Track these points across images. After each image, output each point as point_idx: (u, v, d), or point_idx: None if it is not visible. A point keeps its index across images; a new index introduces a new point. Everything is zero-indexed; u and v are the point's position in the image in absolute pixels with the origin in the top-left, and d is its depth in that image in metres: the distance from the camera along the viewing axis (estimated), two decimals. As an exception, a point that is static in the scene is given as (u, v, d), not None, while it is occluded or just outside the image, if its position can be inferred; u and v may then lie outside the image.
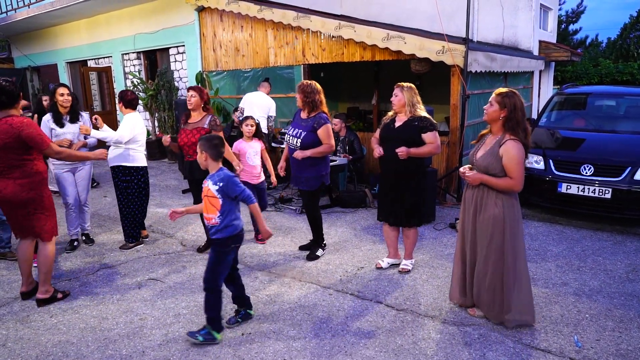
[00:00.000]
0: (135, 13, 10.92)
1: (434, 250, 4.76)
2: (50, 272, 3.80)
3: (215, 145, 3.15)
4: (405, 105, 3.96)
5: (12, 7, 13.10)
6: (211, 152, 3.12)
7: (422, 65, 6.79)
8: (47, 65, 14.37)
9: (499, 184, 3.10)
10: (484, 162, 3.16)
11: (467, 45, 5.94)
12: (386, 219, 4.23)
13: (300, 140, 4.27)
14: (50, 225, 3.75)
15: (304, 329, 3.29)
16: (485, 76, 7.13)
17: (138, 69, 11.47)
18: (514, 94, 3.11)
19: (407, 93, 3.97)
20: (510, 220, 3.13)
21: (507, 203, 3.14)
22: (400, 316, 3.46)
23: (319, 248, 4.62)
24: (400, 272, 4.20)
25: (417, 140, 3.90)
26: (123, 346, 3.13)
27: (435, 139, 3.88)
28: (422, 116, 3.93)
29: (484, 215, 3.18)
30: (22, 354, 3.08)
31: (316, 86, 4.30)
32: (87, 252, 4.92)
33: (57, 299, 3.82)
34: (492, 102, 3.16)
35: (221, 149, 3.18)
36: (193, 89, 4.57)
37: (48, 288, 3.79)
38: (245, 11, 8.16)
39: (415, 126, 3.90)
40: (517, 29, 10.38)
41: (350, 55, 7.24)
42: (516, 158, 3.01)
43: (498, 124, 3.15)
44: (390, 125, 4.05)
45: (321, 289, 3.93)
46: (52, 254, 3.78)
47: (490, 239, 3.17)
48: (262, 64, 8.44)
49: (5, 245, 4.76)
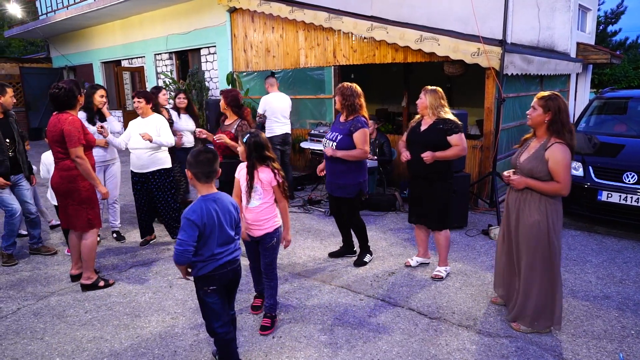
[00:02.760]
0: (167, 14, 11.11)
1: (466, 257, 4.65)
2: (90, 260, 3.99)
3: (200, 162, 2.53)
4: (427, 108, 3.92)
5: (52, 9, 13.52)
6: (195, 169, 2.54)
7: (455, 67, 6.66)
8: (83, 65, 14.77)
9: (544, 188, 3.04)
10: (528, 165, 3.10)
11: (503, 47, 5.78)
12: (416, 220, 4.23)
13: (336, 144, 4.23)
14: (86, 217, 3.91)
15: (335, 335, 3.24)
16: (521, 79, 6.94)
17: (170, 69, 11.66)
18: (557, 97, 3.06)
19: (429, 96, 3.92)
20: (554, 226, 3.08)
21: (551, 208, 3.08)
22: (433, 325, 3.37)
23: (367, 253, 4.52)
24: (433, 278, 4.11)
25: (443, 143, 3.85)
26: (155, 345, 3.15)
27: (460, 141, 3.82)
28: (447, 118, 3.88)
29: (528, 220, 3.13)
30: (59, 348, 3.13)
31: (356, 89, 4.22)
32: (119, 249, 5.00)
33: (99, 287, 4.01)
34: (535, 106, 3.10)
35: (211, 167, 2.56)
36: (221, 92, 4.66)
37: (90, 275, 4.01)
38: (277, 12, 8.19)
39: (440, 129, 3.86)
40: (553, 31, 10.09)
41: (381, 57, 7.17)
42: (563, 161, 2.96)
43: (542, 127, 3.10)
44: (417, 128, 4.03)
45: (352, 293, 3.88)
46: (92, 244, 3.96)
47: (535, 248, 3.11)
48: (292, 65, 8.45)
49: (37, 241, 4.88)
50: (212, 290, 2.62)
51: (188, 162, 2.58)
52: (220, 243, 2.59)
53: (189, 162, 2.57)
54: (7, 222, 4.55)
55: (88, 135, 3.92)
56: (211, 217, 2.52)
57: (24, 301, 3.84)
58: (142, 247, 5.04)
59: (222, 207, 2.60)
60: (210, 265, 2.58)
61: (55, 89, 3.80)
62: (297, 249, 4.93)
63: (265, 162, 3.17)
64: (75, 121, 3.78)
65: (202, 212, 2.50)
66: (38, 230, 4.86)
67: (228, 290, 2.76)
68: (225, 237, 2.62)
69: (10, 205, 4.51)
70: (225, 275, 2.65)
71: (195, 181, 2.57)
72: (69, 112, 3.84)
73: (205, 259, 2.57)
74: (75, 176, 3.84)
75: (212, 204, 2.56)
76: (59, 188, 3.91)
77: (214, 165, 2.58)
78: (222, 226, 2.59)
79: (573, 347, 3.07)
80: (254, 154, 3.12)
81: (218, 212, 2.56)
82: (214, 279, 2.61)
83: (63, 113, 3.82)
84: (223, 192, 2.68)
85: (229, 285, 2.74)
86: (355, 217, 4.44)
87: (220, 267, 2.61)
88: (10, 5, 15.14)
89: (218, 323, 2.66)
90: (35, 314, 3.61)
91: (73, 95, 3.84)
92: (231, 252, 2.67)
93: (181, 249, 2.47)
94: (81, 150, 3.78)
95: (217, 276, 2.61)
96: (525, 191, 3.16)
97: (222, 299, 2.67)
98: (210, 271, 2.59)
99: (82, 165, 3.80)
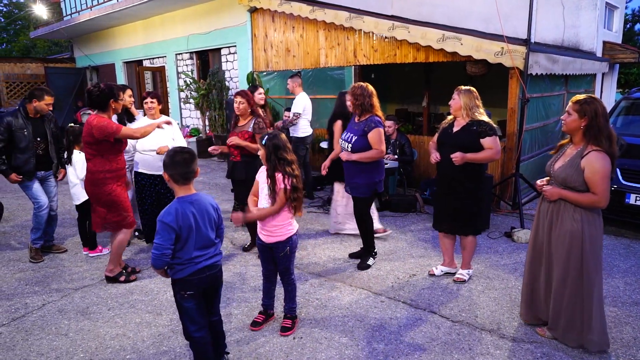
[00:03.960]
0: (188, 14, 11.21)
1: (489, 260, 4.57)
2: (116, 255, 4.13)
3: (177, 162, 2.44)
4: (461, 109, 3.80)
5: (76, 10, 13.77)
6: (171, 171, 2.46)
7: (478, 67, 6.57)
8: (106, 64, 15.01)
9: (580, 200, 2.85)
10: (563, 173, 2.91)
11: (528, 46, 5.67)
12: (440, 226, 4.09)
13: (351, 145, 4.19)
14: (111, 219, 4.01)
15: (356, 337, 3.22)
16: (545, 79, 6.80)
17: (190, 69, 11.76)
18: (594, 100, 2.85)
19: (463, 96, 3.79)
20: (589, 237, 2.87)
21: (587, 218, 2.87)
22: (456, 328, 3.32)
23: (370, 257, 4.48)
24: (455, 281, 4.04)
25: (475, 146, 3.72)
26: (177, 344, 3.17)
27: (494, 145, 3.69)
28: (481, 120, 3.75)
29: (560, 230, 2.96)
30: (83, 345, 3.18)
31: (367, 89, 4.16)
32: (141, 247, 5.06)
33: (119, 281, 4.13)
34: (569, 111, 2.91)
35: (188, 168, 2.47)
36: (241, 94, 4.56)
37: (112, 268, 4.15)
38: (297, 12, 8.19)
39: (474, 131, 3.73)
40: (579, 29, 9.86)
41: (402, 57, 7.10)
42: (601, 172, 2.75)
43: (579, 134, 2.90)
44: (448, 130, 3.91)
45: (372, 295, 3.84)
46: (120, 242, 4.09)
47: (567, 257, 2.94)
48: (312, 64, 8.43)
49: (50, 238, 4.95)
50: (189, 295, 2.55)
51: (164, 163, 2.49)
52: (198, 246, 2.52)
53: (165, 163, 2.49)
54: (35, 215, 4.67)
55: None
56: (187, 219, 2.45)
57: (49, 297, 3.91)
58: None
59: (199, 208, 2.52)
60: (188, 269, 2.51)
61: (93, 87, 3.92)
62: (317, 249, 4.91)
63: (282, 166, 3.07)
64: (100, 120, 3.81)
65: (177, 214, 2.43)
66: (53, 227, 4.95)
67: (207, 295, 2.68)
68: (204, 240, 2.54)
69: (39, 198, 4.65)
70: (203, 281, 2.57)
71: (173, 183, 2.49)
72: (100, 114, 3.89)
73: (183, 261, 2.50)
74: (97, 180, 3.91)
75: (189, 206, 2.48)
76: (86, 189, 4.06)
77: (191, 166, 2.49)
78: (200, 229, 2.51)
79: (600, 354, 2.98)
80: (273, 156, 3.05)
81: (195, 214, 2.49)
82: (191, 284, 2.54)
83: (95, 115, 3.88)
84: (202, 193, 2.60)
85: (207, 291, 2.66)
86: (365, 217, 4.37)
87: (199, 272, 2.53)
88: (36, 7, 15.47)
89: (194, 327, 2.59)
90: (59, 310, 3.67)
91: (106, 97, 3.90)
92: (210, 257, 2.60)
93: (158, 253, 2.43)
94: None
95: (195, 281, 2.54)
96: (558, 201, 2.98)
97: (199, 303, 2.60)
98: (187, 275, 2.52)
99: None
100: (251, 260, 4.62)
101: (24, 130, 4.50)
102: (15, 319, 3.55)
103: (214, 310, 2.78)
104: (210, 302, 2.74)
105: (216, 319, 2.81)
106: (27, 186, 4.62)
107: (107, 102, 3.91)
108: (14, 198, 7.29)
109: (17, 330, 3.38)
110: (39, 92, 4.55)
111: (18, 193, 7.51)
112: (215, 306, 2.79)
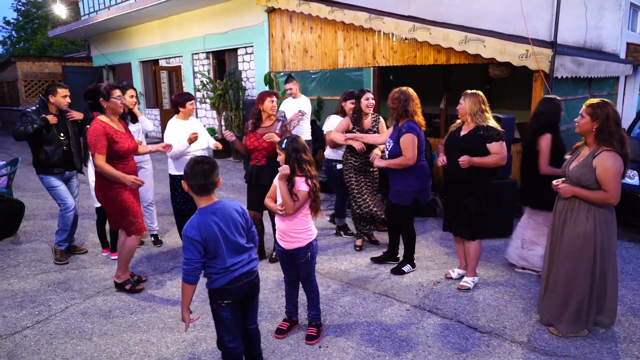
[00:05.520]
0: (205, 14, 11.22)
1: (513, 268, 4.47)
2: (124, 260, 4.01)
3: (195, 173, 2.37)
4: (467, 114, 3.76)
5: (94, 9, 13.86)
6: (190, 182, 2.39)
7: (501, 69, 6.43)
8: (122, 64, 15.11)
9: (591, 197, 3.01)
10: (576, 173, 3.07)
11: (554, 48, 5.55)
12: (450, 228, 4.10)
13: (388, 153, 4.18)
14: (120, 223, 3.92)
15: (382, 346, 3.16)
16: (568, 82, 6.66)
17: (207, 69, 11.77)
18: (606, 104, 2.99)
19: (469, 101, 3.75)
20: (602, 238, 3.04)
21: (600, 218, 3.06)
22: (484, 339, 3.24)
23: (408, 264, 4.38)
24: (459, 289, 3.97)
25: (482, 150, 3.71)
26: (202, 351, 3.13)
27: (501, 150, 3.66)
28: (488, 125, 3.71)
29: (574, 230, 3.09)
30: (107, 350, 3.16)
31: (406, 93, 4.08)
32: (160, 250, 5.04)
33: (125, 289, 4.01)
34: (582, 114, 3.07)
35: (207, 180, 2.38)
36: (275, 95, 4.52)
37: (120, 274, 4.04)
38: (316, 12, 8.12)
39: (480, 135, 3.70)
40: (601, 31, 9.66)
41: (423, 59, 7.01)
42: (611, 170, 2.91)
43: (591, 136, 3.07)
44: (456, 133, 3.91)
45: (397, 303, 3.77)
46: (129, 247, 3.97)
47: (577, 260, 3.10)
48: (330, 65, 8.37)
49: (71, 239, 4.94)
50: (227, 304, 2.50)
51: (184, 173, 2.42)
52: (231, 254, 2.47)
53: (185, 173, 2.42)
54: (62, 216, 4.65)
55: (118, 144, 3.79)
56: (211, 230, 2.39)
57: (71, 300, 3.90)
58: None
59: (223, 217, 2.44)
60: (224, 277, 2.46)
61: (86, 90, 3.94)
62: (338, 254, 4.86)
63: (302, 169, 3.03)
64: (96, 128, 3.71)
65: (200, 227, 2.37)
66: (74, 228, 4.90)
67: (244, 304, 2.63)
68: (235, 248, 2.49)
69: (66, 199, 4.62)
70: (240, 289, 2.52)
71: (192, 193, 2.43)
72: (98, 118, 3.83)
73: (218, 270, 2.44)
74: (101, 184, 3.86)
75: (211, 217, 2.41)
76: (95, 193, 4.03)
77: (211, 178, 2.40)
78: (227, 237, 2.44)
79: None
80: (292, 159, 3.00)
81: (219, 223, 2.42)
82: (228, 292, 2.48)
83: (97, 119, 3.82)
84: (225, 199, 2.55)
85: (244, 299, 2.61)
86: (407, 225, 4.31)
87: (235, 280, 2.48)
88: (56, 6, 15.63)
89: (228, 337, 2.54)
90: (82, 314, 3.66)
91: (96, 98, 3.85)
92: (246, 263, 2.55)
93: (189, 268, 2.37)
94: (99, 158, 3.68)
95: (233, 290, 2.48)
96: (573, 200, 3.12)
97: (236, 313, 2.55)
98: (224, 284, 2.46)
99: (103, 172, 3.73)
100: (271, 265, 4.57)
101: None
102: (39, 321, 3.55)
103: (251, 317, 2.74)
104: (247, 310, 2.69)
105: (253, 327, 2.77)
106: (52, 187, 4.60)
107: (98, 102, 3.84)
108: (33, 197, 7.34)
109: (41, 333, 3.38)
110: (51, 87, 4.54)
111: (37, 192, 7.57)
112: (252, 314, 2.74)
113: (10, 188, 5.91)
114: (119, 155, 3.83)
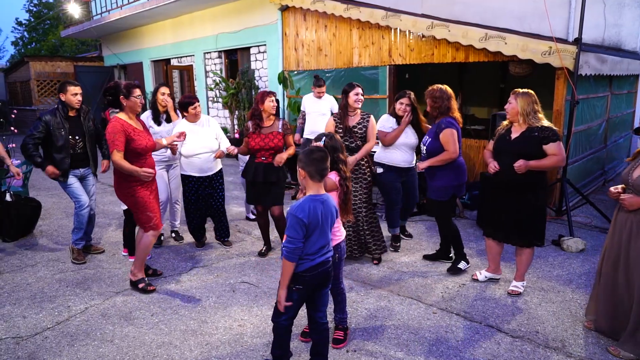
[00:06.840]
0: (218, 13, 11.16)
1: (540, 270, 4.36)
2: (140, 259, 3.99)
3: (314, 160, 2.57)
4: (519, 114, 3.59)
5: (106, 9, 13.88)
6: (309, 168, 2.57)
7: (522, 67, 6.33)
8: (134, 63, 15.11)
9: None
10: None
11: (579, 46, 5.42)
12: (494, 234, 3.91)
13: (426, 148, 4.12)
14: (142, 218, 3.90)
15: (412, 351, 3.06)
16: (590, 79, 6.53)
17: (219, 68, 11.72)
18: None
19: (521, 100, 3.56)
20: None
21: None
22: (517, 345, 3.13)
23: (462, 260, 4.30)
24: (510, 293, 3.84)
25: (537, 153, 3.51)
26: (226, 354, 3.06)
27: (559, 151, 3.47)
28: (543, 126, 3.52)
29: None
30: (130, 352, 3.09)
31: (447, 91, 4.11)
32: (178, 250, 4.98)
33: (138, 288, 3.97)
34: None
35: (323, 165, 2.59)
36: (274, 94, 4.51)
37: (135, 272, 4.01)
38: (331, 10, 8.03)
39: (535, 137, 3.51)
40: (621, 28, 9.47)
41: (441, 57, 6.90)
42: None
43: None
44: (506, 136, 3.70)
45: (423, 305, 3.68)
46: (144, 244, 3.95)
47: None
48: (345, 64, 8.28)
49: (88, 238, 4.90)
50: (297, 289, 2.60)
51: (300, 160, 2.58)
52: (317, 243, 2.58)
53: (301, 160, 2.58)
54: (76, 214, 4.61)
55: (135, 142, 3.77)
56: (316, 217, 2.52)
57: (91, 300, 3.84)
58: (200, 248, 5.01)
59: (327, 209, 2.60)
60: (305, 264, 2.56)
61: (107, 86, 3.91)
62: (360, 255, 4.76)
63: (338, 170, 3.03)
64: (114, 126, 3.71)
65: (310, 211, 2.50)
66: (91, 227, 4.87)
67: (314, 292, 2.69)
68: (323, 239, 2.61)
69: (80, 197, 4.58)
70: (316, 276, 2.61)
71: (308, 179, 2.57)
72: (116, 115, 3.83)
73: (302, 256, 2.55)
74: (119, 181, 3.87)
75: (319, 205, 2.55)
76: (115, 189, 3.99)
77: (326, 163, 2.61)
78: (323, 228, 2.58)
79: (682, 378, 2.77)
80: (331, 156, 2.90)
81: (323, 213, 2.56)
82: (303, 279, 2.59)
83: (115, 116, 3.82)
84: (329, 194, 2.69)
85: (316, 287, 2.68)
86: (445, 222, 4.25)
87: (313, 268, 2.58)
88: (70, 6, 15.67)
89: (285, 316, 2.65)
90: (102, 315, 3.60)
91: (116, 95, 3.83)
92: (325, 253, 2.66)
93: (292, 247, 2.48)
94: (116, 154, 3.69)
95: (308, 277, 2.58)
96: (639, 210, 2.81)
97: (302, 297, 2.65)
98: (302, 271, 2.57)
99: (119, 167, 3.74)
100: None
101: (61, 129, 4.44)
102: (59, 322, 3.49)
103: (321, 309, 2.76)
104: (317, 299, 2.73)
105: (323, 322, 2.77)
106: (67, 185, 4.56)
107: (117, 99, 3.83)
108: (48, 196, 7.32)
109: (62, 334, 3.32)
110: (61, 85, 4.49)
111: (52, 191, 7.56)
112: (322, 305, 2.76)
113: (26, 187, 5.88)
114: (136, 153, 3.82)
